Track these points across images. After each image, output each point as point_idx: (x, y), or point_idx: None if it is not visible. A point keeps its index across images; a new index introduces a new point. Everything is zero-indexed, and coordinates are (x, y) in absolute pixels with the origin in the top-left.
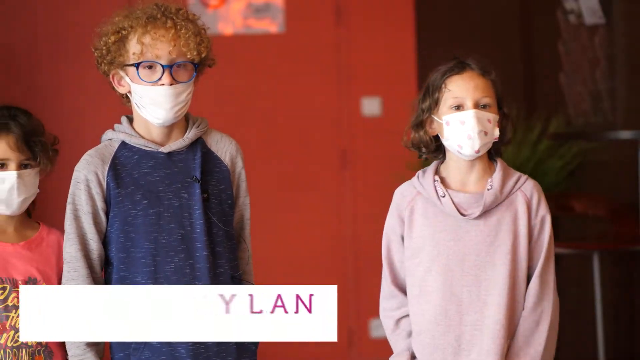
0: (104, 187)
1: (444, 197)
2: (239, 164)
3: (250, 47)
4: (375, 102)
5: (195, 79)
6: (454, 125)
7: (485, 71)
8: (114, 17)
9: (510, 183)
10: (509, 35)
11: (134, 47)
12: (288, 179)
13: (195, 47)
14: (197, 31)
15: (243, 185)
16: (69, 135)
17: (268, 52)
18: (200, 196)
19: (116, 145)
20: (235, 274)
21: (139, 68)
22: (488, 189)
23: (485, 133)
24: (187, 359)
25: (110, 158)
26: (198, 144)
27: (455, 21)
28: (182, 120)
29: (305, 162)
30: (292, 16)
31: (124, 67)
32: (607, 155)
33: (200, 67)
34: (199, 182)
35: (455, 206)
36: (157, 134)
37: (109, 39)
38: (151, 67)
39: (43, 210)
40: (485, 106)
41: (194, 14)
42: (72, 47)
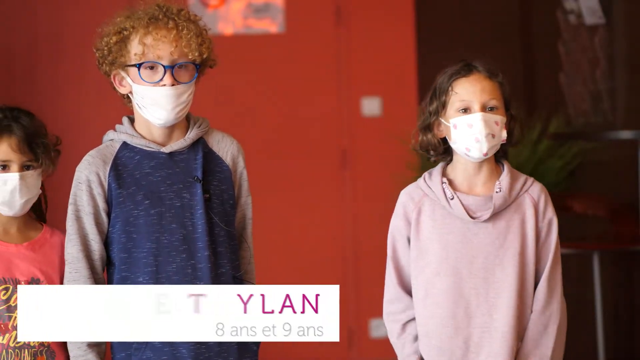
0: (106, 187)
1: (452, 199)
2: (241, 164)
3: (250, 47)
4: (375, 102)
5: (197, 79)
6: (461, 129)
7: (493, 73)
8: (115, 17)
9: (517, 186)
10: (509, 35)
11: (136, 48)
12: (288, 178)
13: (197, 47)
14: (199, 32)
15: (245, 184)
16: (69, 136)
17: (268, 52)
18: (202, 196)
19: (117, 146)
20: (236, 274)
21: (140, 68)
22: (497, 192)
23: (493, 136)
24: (189, 359)
25: (112, 158)
26: (199, 144)
27: (456, 21)
28: (184, 121)
29: (306, 162)
30: (292, 16)
31: (125, 67)
32: (607, 155)
33: (202, 68)
34: (201, 182)
35: (464, 209)
36: (159, 134)
37: (111, 39)
38: (153, 67)
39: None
40: (492, 109)
41: (195, 15)
42: (72, 47)
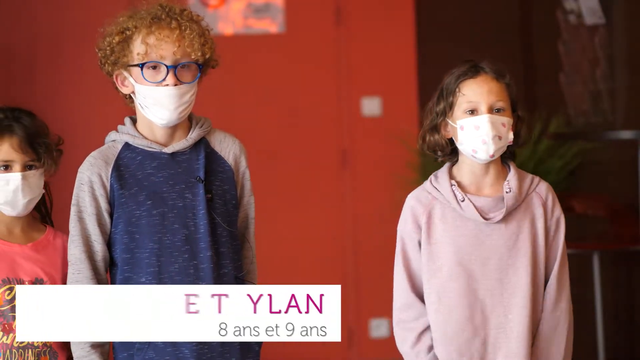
0: (108, 188)
1: (463, 201)
2: (243, 164)
3: (250, 47)
4: (375, 102)
5: (199, 79)
6: (468, 130)
7: (500, 75)
8: (118, 17)
9: (526, 185)
10: (509, 35)
11: (139, 48)
12: (288, 179)
13: (200, 47)
14: (201, 32)
15: (247, 184)
16: (68, 136)
17: (268, 52)
18: (204, 196)
19: (119, 147)
20: (238, 274)
21: (143, 68)
22: (507, 192)
23: (500, 137)
24: (191, 359)
25: (114, 159)
26: (201, 144)
27: (456, 21)
28: (186, 121)
29: (305, 162)
30: (292, 16)
31: (127, 67)
32: (607, 155)
33: (204, 68)
34: (203, 183)
35: (476, 210)
36: (161, 134)
37: (113, 39)
38: (155, 67)
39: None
40: (499, 110)
41: (198, 15)
42: (71, 47)
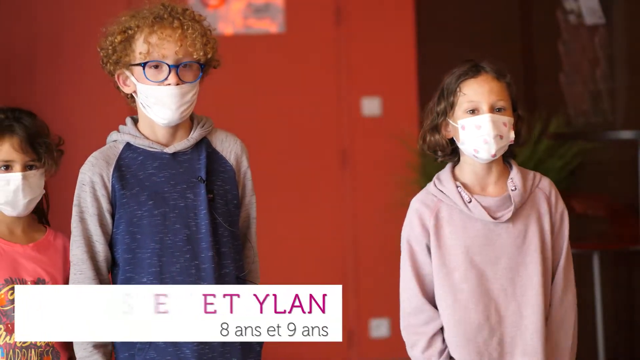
0: (109, 188)
1: (470, 202)
2: (244, 163)
3: (250, 47)
4: (375, 102)
5: (201, 79)
6: (469, 130)
7: (500, 74)
8: (120, 16)
9: (529, 182)
10: (509, 35)
11: (141, 47)
12: (288, 178)
13: (202, 47)
14: (204, 32)
15: (249, 184)
16: (68, 136)
17: (268, 52)
18: (206, 196)
19: (121, 147)
20: (240, 274)
21: (145, 67)
22: (512, 190)
23: (501, 137)
24: (192, 359)
25: (115, 159)
26: (203, 143)
27: (456, 21)
28: (187, 120)
29: (305, 162)
30: (292, 16)
31: (129, 66)
32: (607, 155)
33: (206, 68)
34: (204, 183)
35: (485, 210)
36: (162, 134)
37: (115, 38)
38: (157, 66)
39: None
40: (500, 109)
41: (200, 15)
42: (71, 47)
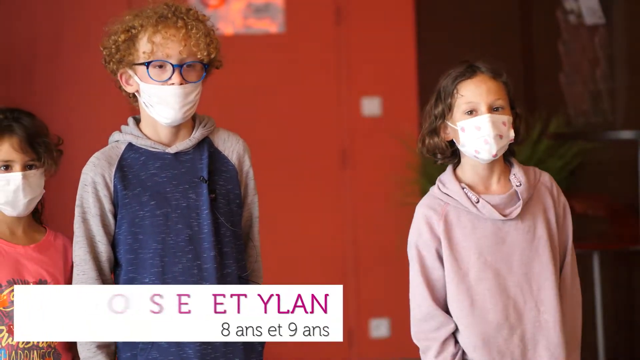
0: (111, 189)
1: (478, 202)
2: (247, 163)
3: (250, 47)
4: (375, 102)
5: (204, 79)
6: (469, 131)
7: (497, 73)
8: (123, 16)
9: (531, 177)
10: (509, 35)
11: (145, 46)
12: (288, 178)
13: (205, 47)
14: (207, 32)
15: (251, 183)
16: (67, 136)
17: (268, 52)
18: (208, 196)
19: (123, 147)
20: (242, 274)
21: (149, 67)
22: (517, 185)
23: (501, 136)
24: (195, 359)
25: (117, 160)
26: (205, 143)
27: (456, 21)
28: (190, 120)
29: (305, 162)
30: (292, 16)
31: (133, 66)
32: (607, 155)
33: (209, 68)
34: (207, 182)
35: (494, 208)
36: (165, 134)
37: (119, 37)
38: (161, 66)
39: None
40: (498, 109)
41: (203, 15)
42: (71, 47)
